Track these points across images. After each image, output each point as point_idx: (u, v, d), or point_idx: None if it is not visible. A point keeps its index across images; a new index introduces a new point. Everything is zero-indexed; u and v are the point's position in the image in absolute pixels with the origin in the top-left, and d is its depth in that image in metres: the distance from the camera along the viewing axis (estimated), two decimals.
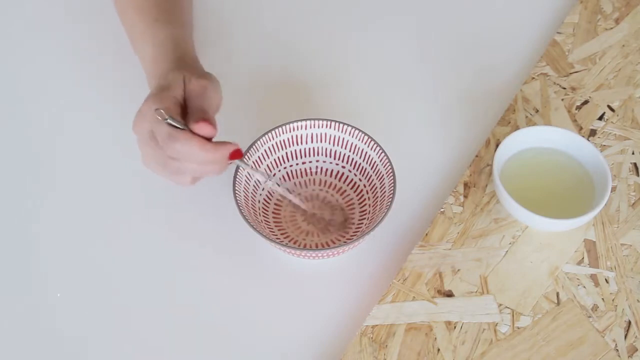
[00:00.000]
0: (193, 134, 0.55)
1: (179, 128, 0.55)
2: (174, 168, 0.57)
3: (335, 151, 0.68)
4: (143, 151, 0.59)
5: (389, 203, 0.61)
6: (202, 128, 0.55)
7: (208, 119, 0.55)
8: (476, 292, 0.61)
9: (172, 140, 0.55)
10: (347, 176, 0.68)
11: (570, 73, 0.75)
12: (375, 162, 0.65)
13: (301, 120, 0.66)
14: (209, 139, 0.56)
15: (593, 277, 0.62)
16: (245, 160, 0.58)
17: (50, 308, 0.61)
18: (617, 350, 0.58)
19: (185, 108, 0.58)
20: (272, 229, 0.65)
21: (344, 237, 0.65)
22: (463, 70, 0.77)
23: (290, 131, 0.66)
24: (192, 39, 0.67)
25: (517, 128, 0.71)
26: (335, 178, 0.69)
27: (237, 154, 0.57)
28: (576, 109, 0.73)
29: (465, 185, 0.68)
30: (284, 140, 0.66)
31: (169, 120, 0.55)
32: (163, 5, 0.67)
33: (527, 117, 0.72)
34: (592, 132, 0.71)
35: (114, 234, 0.66)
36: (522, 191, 0.63)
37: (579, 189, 0.64)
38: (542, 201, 0.63)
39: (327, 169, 0.69)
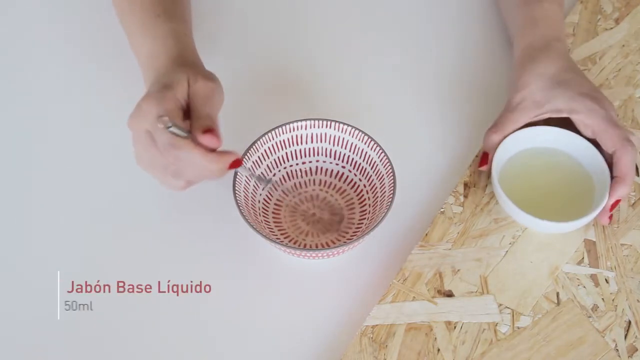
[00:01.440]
0: (196, 144, 0.54)
1: (181, 136, 0.54)
2: (172, 171, 0.56)
3: (335, 151, 0.68)
4: (137, 150, 0.58)
5: (389, 203, 0.61)
6: (208, 140, 0.54)
7: (214, 130, 0.54)
8: (476, 292, 0.61)
9: (174, 148, 0.54)
10: (347, 176, 0.68)
11: None
12: (375, 162, 0.65)
13: (301, 120, 0.66)
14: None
15: (593, 277, 0.62)
16: (244, 166, 0.59)
17: (50, 311, 0.61)
18: (617, 350, 0.58)
19: (186, 109, 0.57)
20: (272, 229, 0.65)
21: (344, 237, 0.65)
22: (463, 70, 0.77)
23: (290, 131, 0.66)
24: (193, 35, 0.67)
25: None
26: (335, 178, 0.68)
27: (237, 163, 0.56)
28: None
29: (465, 185, 0.68)
30: (284, 140, 0.66)
31: (172, 129, 0.53)
32: (163, 2, 0.67)
33: None
34: None
35: (113, 234, 0.66)
36: (521, 192, 0.63)
37: (579, 190, 0.64)
38: (541, 202, 0.63)
39: (327, 169, 0.69)
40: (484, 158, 0.66)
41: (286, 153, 0.67)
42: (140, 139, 0.56)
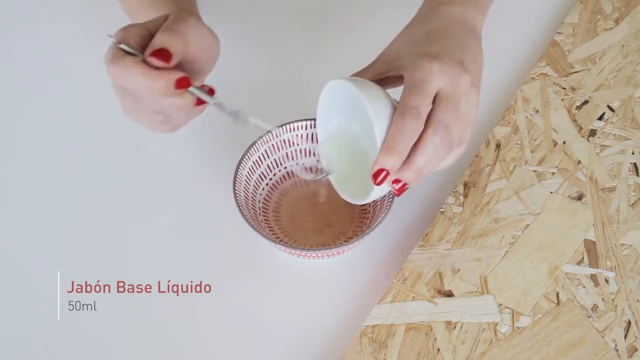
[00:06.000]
0: (140, 61, 0.50)
1: (130, 53, 0.50)
2: (130, 101, 0.52)
3: None
4: (117, 95, 0.54)
5: (389, 203, 0.61)
6: (154, 61, 0.50)
7: (166, 50, 0.50)
8: (476, 292, 0.61)
9: (113, 62, 0.50)
10: None
11: (570, 73, 0.75)
12: None
13: (301, 120, 0.66)
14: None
15: (593, 277, 0.62)
16: (195, 87, 0.53)
17: (50, 311, 0.61)
18: (617, 350, 0.58)
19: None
20: (272, 228, 0.65)
21: (344, 237, 0.65)
22: None
23: (290, 131, 0.66)
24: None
25: (517, 128, 0.71)
26: None
27: (185, 83, 0.52)
28: (576, 109, 0.73)
29: (465, 185, 0.68)
30: (284, 140, 0.66)
31: (121, 46, 0.50)
32: None
33: (527, 117, 0.72)
34: (592, 132, 0.71)
35: (113, 234, 0.66)
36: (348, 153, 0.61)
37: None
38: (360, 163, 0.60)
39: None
40: None
41: (286, 153, 0.67)
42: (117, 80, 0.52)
